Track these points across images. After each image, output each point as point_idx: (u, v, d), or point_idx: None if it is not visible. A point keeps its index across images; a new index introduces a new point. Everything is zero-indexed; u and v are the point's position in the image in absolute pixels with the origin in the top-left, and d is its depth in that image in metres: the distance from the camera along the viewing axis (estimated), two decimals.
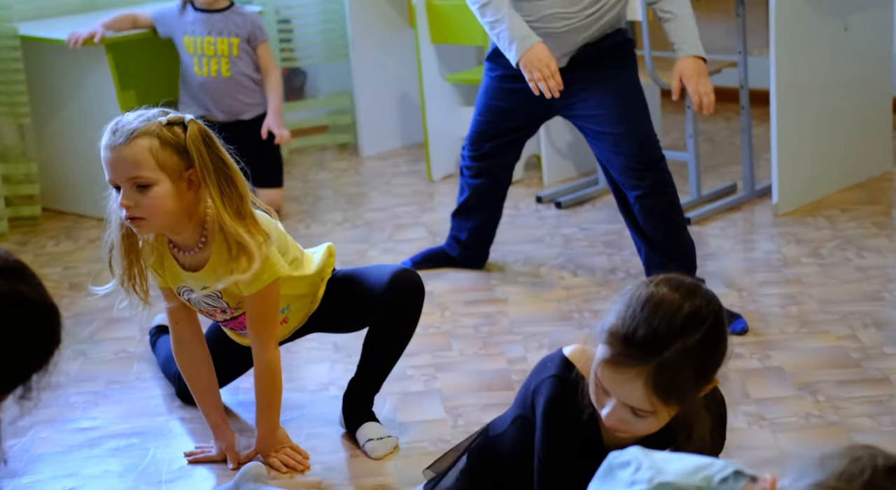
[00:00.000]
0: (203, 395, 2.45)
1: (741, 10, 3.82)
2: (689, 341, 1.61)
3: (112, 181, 2.22)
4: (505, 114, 3.14)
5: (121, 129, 2.18)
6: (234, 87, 3.83)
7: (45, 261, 3.67)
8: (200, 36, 3.80)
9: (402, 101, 4.63)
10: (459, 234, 3.36)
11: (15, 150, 3.97)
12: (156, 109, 2.26)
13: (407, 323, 2.49)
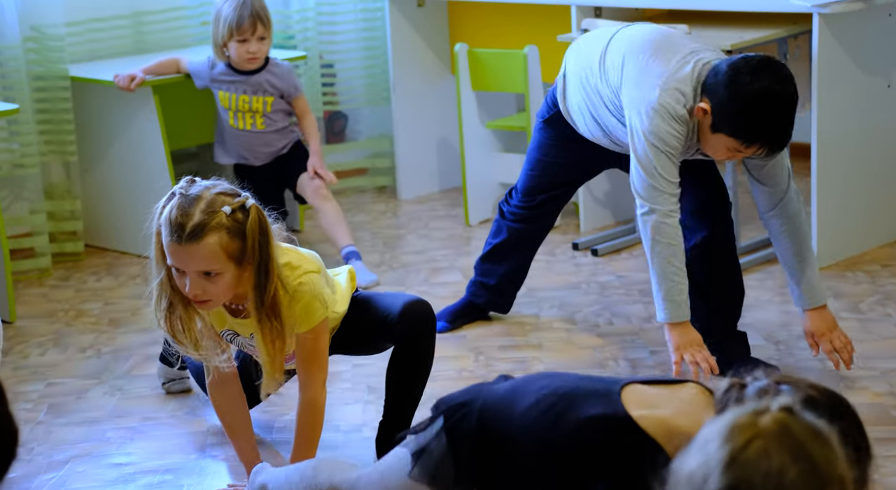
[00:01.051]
0: (237, 432, 2.47)
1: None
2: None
3: (175, 267, 2.24)
4: (560, 169, 3.14)
5: (188, 227, 2.19)
6: (269, 138, 3.91)
7: (86, 296, 3.72)
8: (236, 93, 3.85)
9: (441, 145, 4.67)
10: (487, 280, 3.31)
11: (60, 188, 4.05)
12: (214, 188, 2.25)
13: (422, 354, 2.52)
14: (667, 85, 2.72)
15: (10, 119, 3.82)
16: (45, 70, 3.93)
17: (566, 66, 3.03)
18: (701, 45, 2.85)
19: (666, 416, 1.70)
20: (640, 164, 2.75)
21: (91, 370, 3.16)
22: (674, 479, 1.08)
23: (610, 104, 2.88)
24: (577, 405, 1.77)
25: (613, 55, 2.86)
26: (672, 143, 2.72)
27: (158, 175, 3.92)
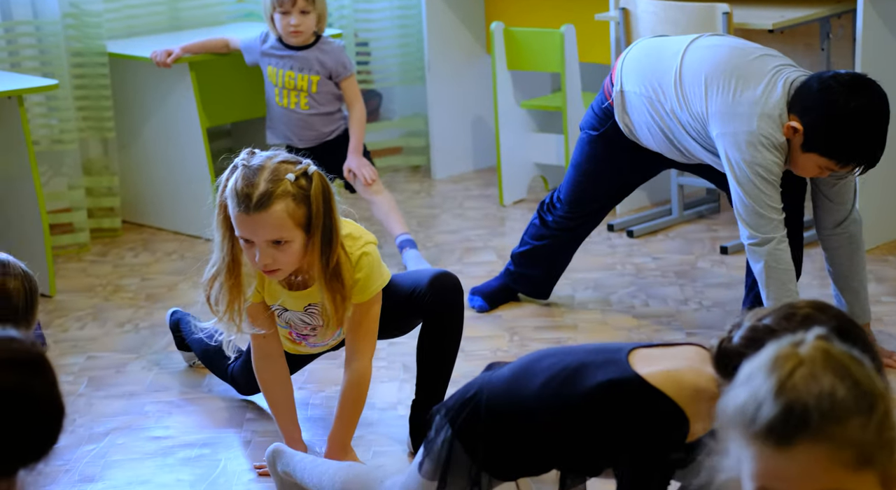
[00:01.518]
0: (282, 408, 2.49)
1: (826, 44, 3.80)
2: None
3: (244, 238, 2.25)
4: (614, 180, 3.10)
5: (255, 196, 2.20)
6: (313, 121, 3.83)
7: (123, 272, 3.75)
8: (283, 68, 3.80)
9: (475, 125, 4.66)
10: (528, 272, 3.28)
11: (98, 164, 4.07)
12: (276, 156, 2.27)
13: (452, 323, 2.54)
14: (763, 113, 2.67)
15: (49, 95, 3.85)
16: (84, 46, 3.95)
17: (622, 82, 2.93)
18: (779, 57, 2.79)
19: (672, 370, 1.74)
20: (746, 195, 2.71)
21: (129, 345, 3.19)
22: (722, 417, 1.10)
23: (692, 130, 2.81)
24: (588, 375, 1.80)
25: (691, 80, 2.79)
26: (776, 171, 2.69)
27: (195, 152, 3.94)
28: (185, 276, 3.68)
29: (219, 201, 2.28)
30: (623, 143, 2.99)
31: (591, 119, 3.05)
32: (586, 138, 3.07)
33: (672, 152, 2.93)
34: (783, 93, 2.68)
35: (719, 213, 4.06)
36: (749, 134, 2.68)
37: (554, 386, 1.81)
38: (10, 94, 3.45)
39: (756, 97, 2.69)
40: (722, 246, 3.73)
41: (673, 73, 2.83)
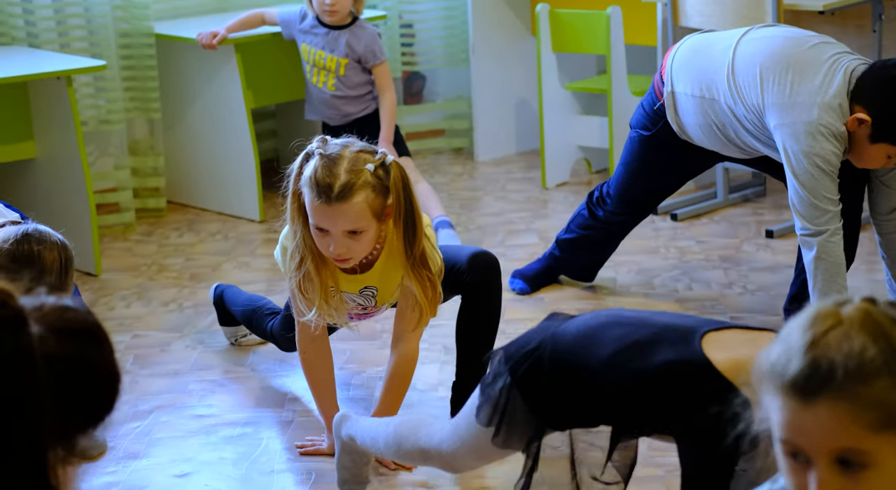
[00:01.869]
0: (323, 388, 2.51)
1: (878, 25, 3.73)
2: None
3: (320, 227, 2.25)
4: (667, 178, 3.08)
5: (336, 187, 2.20)
6: (338, 103, 3.83)
7: (168, 252, 3.79)
8: (315, 47, 3.83)
9: (519, 107, 4.64)
10: (573, 257, 3.26)
11: (144, 145, 4.11)
12: (352, 145, 2.27)
13: (491, 301, 2.54)
14: (824, 102, 2.62)
15: (97, 75, 3.89)
16: (131, 27, 3.98)
17: (672, 82, 2.88)
18: (835, 45, 2.74)
19: (741, 358, 1.70)
20: (802, 187, 2.66)
21: (173, 324, 3.22)
22: (758, 370, 1.11)
23: (749, 124, 2.77)
24: (658, 352, 1.77)
25: (745, 72, 2.74)
26: (834, 162, 2.65)
27: (240, 133, 3.97)
28: (230, 256, 3.71)
29: (292, 190, 2.27)
30: (676, 142, 2.95)
31: (642, 118, 3.01)
32: (637, 138, 3.02)
33: (728, 149, 2.89)
34: (843, 82, 2.62)
35: (765, 197, 4.01)
36: (808, 124, 2.63)
37: (622, 360, 1.80)
38: (59, 75, 3.49)
39: (815, 87, 2.64)
40: (767, 230, 3.69)
41: (725, 68, 2.77)
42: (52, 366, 1.03)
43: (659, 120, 2.94)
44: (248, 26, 3.91)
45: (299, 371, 2.90)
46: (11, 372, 1.01)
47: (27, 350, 1.02)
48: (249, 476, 2.45)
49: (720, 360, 1.72)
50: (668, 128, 2.93)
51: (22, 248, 2.10)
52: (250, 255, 3.73)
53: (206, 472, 2.47)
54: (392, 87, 3.83)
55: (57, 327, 1.05)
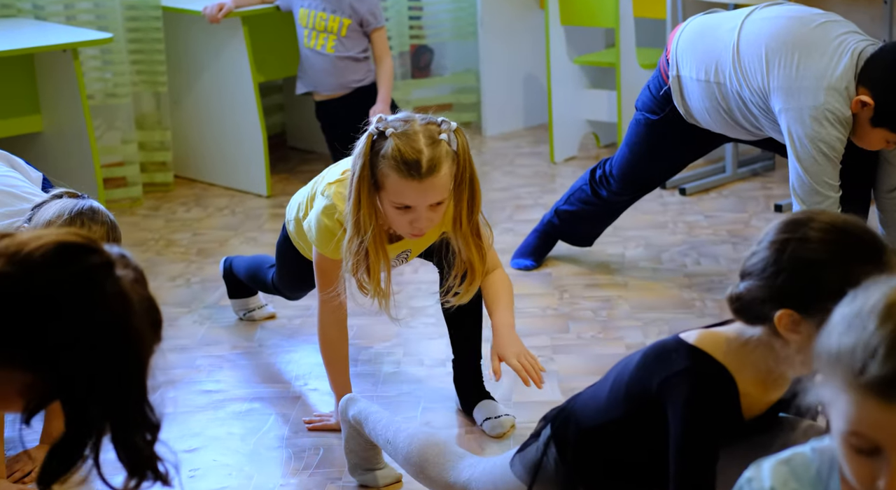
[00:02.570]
0: (339, 365, 2.49)
1: None
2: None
3: (404, 204, 2.23)
4: (672, 161, 3.06)
5: (424, 162, 2.18)
6: (339, 65, 3.82)
7: (175, 227, 3.78)
8: (315, 9, 3.82)
9: (527, 81, 4.62)
10: (573, 228, 3.26)
11: (151, 119, 4.10)
12: (414, 118, 2.24)
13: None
14: (830, 86, 2.59)
15: (104, 48, 3.87)
16: (138, 0, 3.96)
17: (678, 66, 2.85)
18: (843, 23, 2.70)
19: (711, 330, 1.74)
20: (805, 172, 2.65)
21: (181, 299, 3.22)
22: (822, 356, 1.08)
23: (755, 107, 2.74)
24: (636, 355, 1.81)
25: (750, 54, 2.70)
26: (838, 148, 2.63)
27: (246, 107, 3.95)
28: (237, 231, 3.71)
29: (359, 174, 2.22)
30: (683, 126, 2.92)
31: (648, 101, 2.98)
32: (644, 121, 2.99)
33: (736, 131, 2.87)
34: (851, 64, 2.59)
35: (774, 171, 4.00)
36: (814, 109, 2.60)
37: (614, 376, 1.83)
38: (65, 47, 3.48)
39: (821, 69, 2.61)
40: (776, 204, 3.67)
41: (730, 50, 2.74)
42: (140, 303, 1.22)
43: (666, 104, 2.91)
44: (249, 1, 3.89)
45: (307, 347, 2.91)
46: (119, 309, 1.19)
47: (123, 290, 1.20)
48: (257, 451, 2.46)
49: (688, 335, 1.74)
50: (676, 112, 2.90)
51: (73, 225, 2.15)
52: (258, 230, 3.72)
53: (213, 448, 2.47)
54: (390, 54, 3.84)
55: (133, 270, 1.23)
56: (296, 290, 2.84)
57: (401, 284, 3.21)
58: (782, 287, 1.61)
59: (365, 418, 2.26)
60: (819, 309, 1.60)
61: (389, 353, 2.86)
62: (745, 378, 1.69)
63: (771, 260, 1.63)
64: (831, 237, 1.62)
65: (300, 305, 3.11)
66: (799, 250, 1.61)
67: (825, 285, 1.59)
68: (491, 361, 2.40)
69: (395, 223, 2.27)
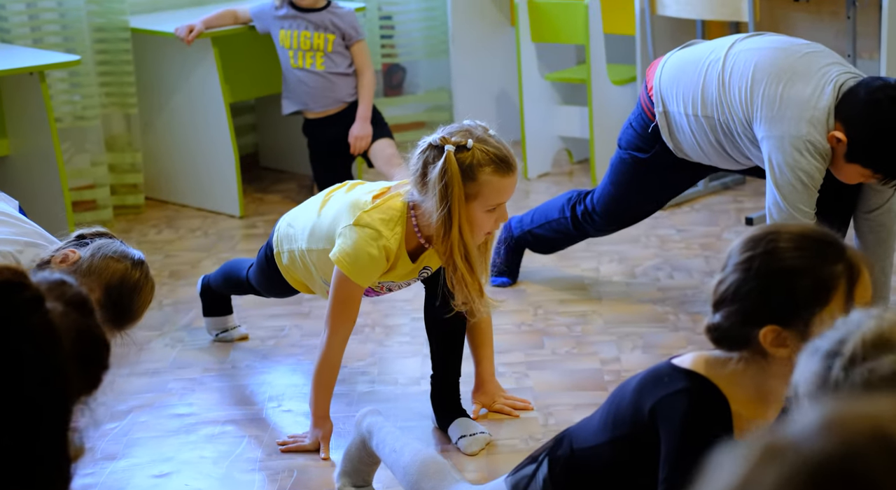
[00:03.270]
0: (329, 389, 2.48)
1: (852, 11, 3.73)
2: None
3: (496, 204, 2.34)
4: (659, 196, 3.05)
5: (511, 157, 2.33)
6: (331, 80, 3.85)
7: (146, 249, 3.74)
8: (297, 30, 3.83)
9: (500, 98, 4.62)
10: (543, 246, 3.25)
11: (121, 140, 4.07)
12: (469, 126, 2.37)
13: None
14: (813, 117, 2.59)
15: (72, 71, 3.84)
16: (106, 21, 3.94)
17: (663, 102, 2.83)
18: (826, 54, 2.69)
19: (701, 353, 1.73)
20: (783, 198, 2.65)
21: (153, 322, 3.19)
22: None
23: (746, 138, 2.73)
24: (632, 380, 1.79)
25: (735, 84, 2.70)
26: (817, 178, 2.63)
27: (218, 127, 3.93)
28: (209, 252, 3.68)
29: (451, 179, 2.27)
30: (672, 160, 2.90)
31: (633, 139, 2.94)
32: (630, 160, 2.95)
33: (727, 162, 2.85)
34: (832, 97, 2.60)
35: (744, 185, 4.01)
36: (795, 138, 2.61)
37: (609, 403, 1.82)
38: (32, 71, 3.45)
39: (803, 100, 2.61)
40: (747, 217, 3.68)
41: (716, 82, 2.73)
42: (71, 337, 1.16)
43: (655, 142, 2.89)
44: (219, 22, 3.89)
45: (281, 368, 2.89)
46: (42, 346, 1.13)
47: (51, 325, 1.15)
48: (230, 475, 2.43)
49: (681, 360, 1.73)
50: (665, 148, 2.88)
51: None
52: (230, 250, 3.70)
53: (186, 472, 2.44)
54: (371, 66, 3.89)
55: (67, 301, 1.18)
56: (271, 296, 2.87)
57: (376, 302, 3.20)
58: (759, 304, 1.61)
59: (378, 429, 2.25)
60: (800, 317, 1.61)
61: (364, 373, 2.85)
62: (738, 399, 1.68)
63: (741, 280, 1.62)
64: (794, 244, 1.62)
65: (274, 326, 3.09)
66: (766, 264, 1.61)
67: (801, 292, 1.60)
68: (473, 404, 2.57)
69: (480, 229, 2.36)
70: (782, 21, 4.02)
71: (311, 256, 2.51)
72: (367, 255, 2.35)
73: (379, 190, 2.44)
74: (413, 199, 2.38)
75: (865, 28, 3.80)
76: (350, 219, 2.38)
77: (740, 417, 1.69)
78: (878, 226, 2.79)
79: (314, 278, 2.56)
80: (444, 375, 2.55)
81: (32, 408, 1.13)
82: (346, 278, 2.38)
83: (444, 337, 2.53)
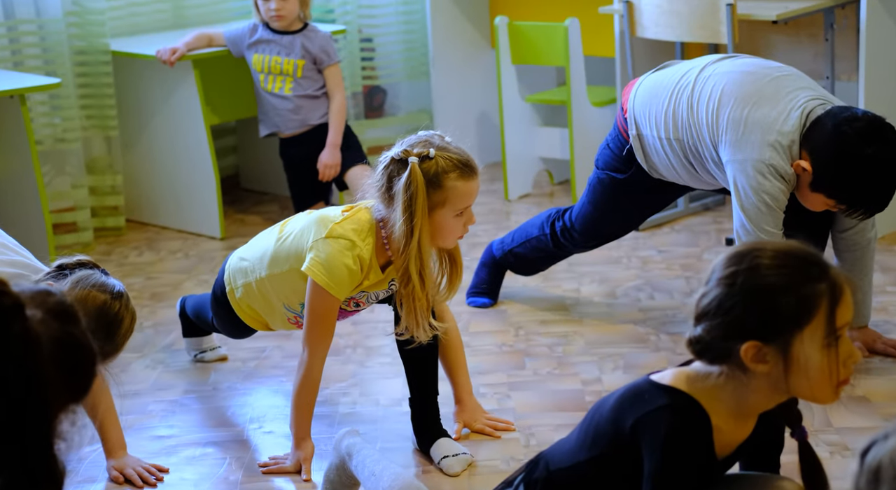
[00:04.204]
0: (310, 408, 2.48)
1: (830, 34, 3.77)
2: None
3: (463, 208, 2.37)
4: (638, 214, 3.07)
5: (471, 160, 2.38)
6: (299, 103, 3.84)
7: (127, 271, 3.74)
8: (269, 54, 3.85)
9: (480, 120, 4.64)
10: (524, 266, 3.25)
11: (102, 163, 4.07)
12: (421, 135, 2.39)
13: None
14: (776, 142, 2.61)
15: (52, 93, 3.84)
16: (87, 44, 3.94)
17: (637, 125, 2.84)
18: (796, 78, 2.70)
19: (681, 368, 1.74)
20: (749, 220, 2.67)
21: (133, 344, 3.16)
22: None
23: (711, 161, 2.75)
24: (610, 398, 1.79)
25: (703, 108, 2.71)
26: (781, 199, 2.65)
27: (199, 149, 3.94)
28: (190, 274, 3.68)
29: (416, 189, 2.30)
30: (649, 180, 2.92)
31: (611, 160, 2.95)
32: (607, 180, 2.96)
33: (700, 182, 2.87)
34: (798, 125, 2.61)
35: (724, 205, 4.03)
36: (758, 162, 2.62)
37: (586, 422, 1.82)
38: (12, 94, 3.45)
39: (768, 124, 2.62)
40: (727, 238, 3.71)
41: (685, 105, 2.75)
42: (51, 345, 1.17)
43: (631, 163, 2.90)
44: (196, 44, 3.89)
45: (262, 389, 2.88)
46: (21, 353, 1.14)
47: (31, 333, 1.16)
48: None
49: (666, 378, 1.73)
50: (641, 169, 2.90)
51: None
52: (211, 272, 3.69)
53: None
54: (343, 90, 3.87)
55: (48, 309, 1.20)
56: (237, 337, 2.85)
57: (356, 323, 3.19)
58: (742, 320, 1.62)
59: (357, 451, 2.24)
60: (781, 334, 1.62)
61: (345, 394, 2.84)
62: (718, 413, 1.68)
63: (724, 295, 1.63)
64: (778, 262, 1.63)
65: (255, 347, 3.08)
66: (750, 280, 1.62)
67: (783, 309, 1.60)
68: (455, 423, 2.57)
69: (451, 234, 2.38)
70: (762, 43, 4.06)
71: (271, 284, 2.51)
72: (343, 265, 2.36)
73: (346, 207, 2.46)
74: (380, 215, 2.40)
75: (844, 50, 3.84)
76: (322, 232, 2.39)
77: (720, 431, 1.70)
78: (853, 245, 2.82)
79: (274, 308, 2.55)
80: (422, 398, 2.55)
81: (14, 414, 1.13)
82: (322, 292, 2.37)
83: (417, 360, 2.53)
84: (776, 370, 1.63)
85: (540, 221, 3.18)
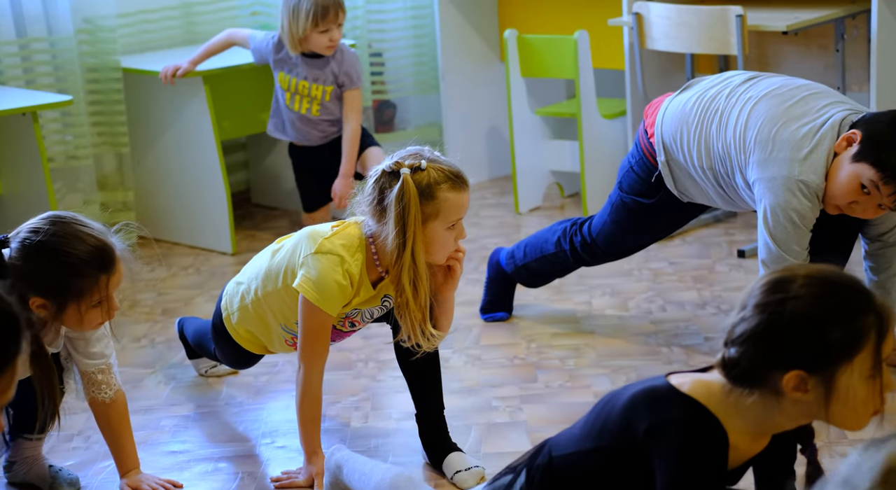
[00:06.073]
0: (316, 423, 2.47)
1: (840, 45, 3.77)
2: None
3: (456, 220, 2.36)
4: (661, 233, 3.07)
5: (461, 172, 2.37)
6: (323, 126, 3.84)
7: (139, 287, 3.75)
8: (297, 77, 3.80)
9: (490, 133, 4.65)
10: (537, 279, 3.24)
11: (113, 179, 4.08)
12: (411, 150, 2.39)
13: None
14: (807, 159, 2.59)
15: (64, 111, 3.86)
16: (98, 61, 3.96)
17: (667, 151, 2.81)
18: (826, 95, 2.68)
19: (702, 378, 1.73)
20: (773, 240, 2.64)
21: (145, 359, 3.18)
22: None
23: (743, 186, 2.72)
24: (624, 393, 1.78)
25: (731, 129, 2.70)
26: (809, 218, 2.63)
27: (210, 165, 3.95)
28: (202, 289, 3.68)
29: (409, 200, 2.29)
30: (677, 204, 2.91)
31: (637, 184, 2.92)
32: (634, 205, 2.93)
33: (734, 205, 2.85)
34: (832, 135, 2.59)
35: (736, 217, 4.03)
36: (787, 179, 2.60)
37: (596, 412, 1.81)
38: (24, 111, 3.46)
39: (797, 141, 2.61)
40: (739, 250, 3.70)
41: (715, 134, 2.73)
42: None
43: (659, 188, 2.89)
44: (214, 52, 3.86)
45: (274, 404, 2.88)
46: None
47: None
48: None
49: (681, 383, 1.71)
50: (670, 194, 2.88)
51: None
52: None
53: None
54: (359, 114, 3.81)
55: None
56: (241, 367, 2.84)
57: (368, 337, 3.19)
58: (788, 350, 1.61)
59: (346, 461, 2.24)
60: (827, 366, 1.60)
61: (357, 408, 2.84)
62: (736, 431, 1.68)
63: (766, 323, 1.61)
64: (824, 290, 1.61)
65: (267, 362, 3.08)
66: (797, 310, 1.60)
67: (833, 342, 1.59)
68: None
69: (443, 248, 2.36)
70: (771, 54, 4.06)
71: (267, 302, 2.51)
72: (333, 280, 2.36)
73: (336, 222, 2.46)
74: (370, 230, 2.39)
75: (854, 61, 3.84)
76: (311, 248, 2.39)
77: (735, 449, 1.68)
78: (884, 247, 2.76)
79: (271, 330, 2.55)
80: (428, 413, 2.54)
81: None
82: (313, 308, 2.38)
83: (418, 376, 2.53)
84: (815, 398, 1.62)
85: (555, 237, 3.15)
